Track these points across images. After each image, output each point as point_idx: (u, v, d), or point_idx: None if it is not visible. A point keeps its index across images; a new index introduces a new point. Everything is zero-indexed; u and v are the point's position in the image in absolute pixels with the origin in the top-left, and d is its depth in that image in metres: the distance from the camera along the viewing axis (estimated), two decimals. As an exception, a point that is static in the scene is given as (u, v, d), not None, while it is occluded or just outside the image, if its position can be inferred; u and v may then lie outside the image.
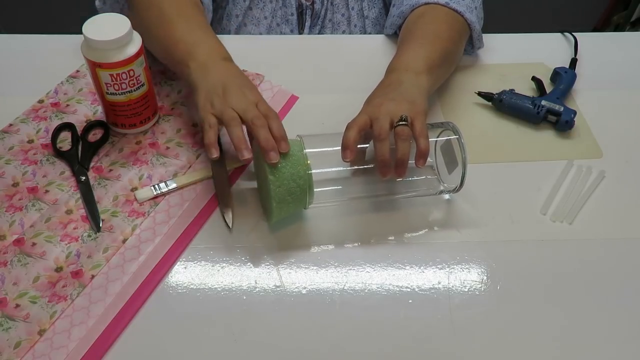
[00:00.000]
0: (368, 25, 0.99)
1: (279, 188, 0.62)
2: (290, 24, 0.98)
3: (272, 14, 0.97)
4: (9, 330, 0.60)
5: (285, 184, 0.62)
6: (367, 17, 0.98)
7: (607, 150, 0.79)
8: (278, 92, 0.85)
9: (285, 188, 0.63)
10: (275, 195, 0.62)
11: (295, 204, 0.65)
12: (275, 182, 0.62)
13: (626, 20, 1.91)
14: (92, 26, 0.69)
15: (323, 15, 0.97)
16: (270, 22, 0.98)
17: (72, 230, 0.68)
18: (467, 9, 0.83)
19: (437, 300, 0.64)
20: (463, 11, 0.83)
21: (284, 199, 0.63)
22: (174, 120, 0.80)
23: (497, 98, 0.83)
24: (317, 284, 0.65)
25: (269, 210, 0.66)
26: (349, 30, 0.99)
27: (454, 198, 0.72)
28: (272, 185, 0.62)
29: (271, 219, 0.66)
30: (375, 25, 1.00)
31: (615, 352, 0.61)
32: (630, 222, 0.71)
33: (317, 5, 0.96)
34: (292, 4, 0.96)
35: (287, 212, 0.66)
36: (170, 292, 0.64)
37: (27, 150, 0.76)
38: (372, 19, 0.99)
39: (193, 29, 0.76)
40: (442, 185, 0.69)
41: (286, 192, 0.63)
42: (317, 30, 0.99)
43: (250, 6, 0.97)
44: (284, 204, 0.64)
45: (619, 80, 0.90)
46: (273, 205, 0.63)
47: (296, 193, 0.63)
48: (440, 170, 0.68)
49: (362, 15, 0.98)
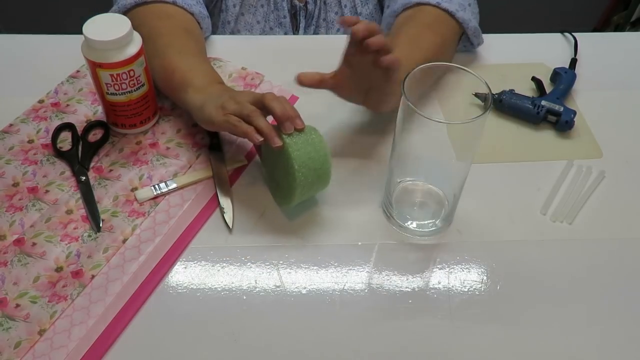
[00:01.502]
0: (358, 3, 0.99)
1: (302, 168, 0.63)
2: (283, 27, 0.98)
3: (264, 17, 0.97)
4: (9, 330, 0.60)
5: (307, 163, 0.64)
6: (360, 13, 0.98)
7: (607, 150, 0.79)
8: (278, 92, 0.85)
9: (307, 168, 0.64)
10: (298, 175, 0.63)
11: (318, 185, 0.66)
12: (297, 161, 0.63)
13: (626, 20, 1.91)
14: (92, 26, 0.70)
15: (317, 15, 0.97)
16: (264, 26, 0.98)
17: (72, 230, 0.68)
18: (460, 7, 0.83)
19: (437, 300, 0.64)
20: (454, 10, 0.82)
21: (306, 180, 0.64)
22: (174, 121, 0.80)
23: (497, 98, 0.83)
24: (317, 284, 0.65)
25: (290, 191, 0.66)
26: (342, 28, 0.98)
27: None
28: (296, 166, 0.63)
29: (292, 200, 0.66)
30: (365, 5, 0.99)
31: (616, 352, 0.61)
32: (630, 222, 0.71)
33: (310, 5, 0.96)
34: (284, 6, 0.96)
35: (309, 193, 0.67)
36: (170, 292, 0.64)
37: (27, 150, 0.76)
38: (365, 15, 0.98)
39: (187, 57, 0.77)
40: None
41: (308, 171, 0.64)
42: (312, 30, 0.99)
43: (242, 12, 0.96)
44: (306, 186, 0.65)
45: (619, 80, 0.90)
46: (296, 183, 0.64)
47: (317, 174, 0.65)
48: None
49: (355, 12, 0.98)
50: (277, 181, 0.70)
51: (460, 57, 0.91)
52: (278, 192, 0.71)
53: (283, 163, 0.66)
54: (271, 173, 0.72)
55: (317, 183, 0.66)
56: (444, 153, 0.64)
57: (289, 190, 0.66)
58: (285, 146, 0.64)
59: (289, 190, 0.66)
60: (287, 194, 0.67)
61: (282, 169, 0.67)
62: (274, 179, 0.71)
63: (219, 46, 0.92)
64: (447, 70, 0.67)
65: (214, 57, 0.89)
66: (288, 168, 0.64)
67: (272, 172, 0.71)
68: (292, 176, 0.64)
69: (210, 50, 0.90)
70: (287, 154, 0.64)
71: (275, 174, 0.70)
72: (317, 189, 0.67)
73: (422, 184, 0.73)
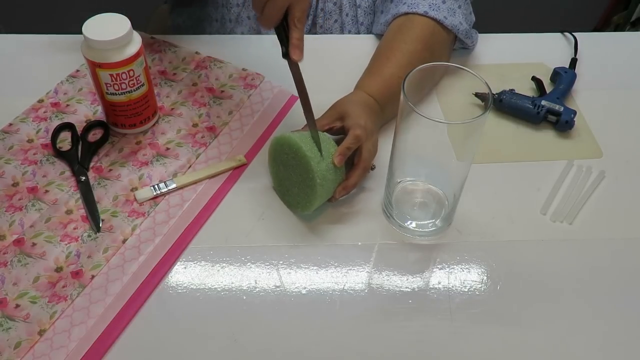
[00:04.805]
0: (360, 14, 0.98)
1: (323, 181, 0.65)
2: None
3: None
4: (9, 330, 0.60)
5: (326, 175, 0.65)
6: (359, 6, 0.98)
7: (607, 150, 0.79)
8: (278, 92, 0.85)
9: (327, 180, 0.66)
10: (319, 188, 0.65)
11: (332, 192, 0.68)
12: (319, 175, 0.65)
13: (626, 20, 1.91)
14: (92, 26, 0.69)
15: (315, 6, 0.97)
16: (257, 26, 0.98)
17: (72, 230, 0.68)
18: (449, 13, 0.83)
19: (437, 300, 0.64)
20: (443, 19, 0.82)
21: (324, 190, 0.66)
22: (174, 120, 0.80)
23: (497, 98, 0.83)
24: (317, 284, 0.65)
25: (307, 200, 0.67)
26: (340, 19, 0.98)
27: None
28: (318, 180, 0.65)
29: (309, 208, 0.67)
30: (367, 15, 0.99)
31: (616, 352, 0.61)
32: (630, 222, 0.71)
33: None
34: None
35: (324, 200, 0.69)
36: (170, 292, 0.64)
37: (27, 150, 0.76)
38: (364, 8, 0.98)
39: None
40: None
41: (327, 182, 0.66)
42: (310, 20, 0.98)
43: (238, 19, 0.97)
44: (324, 196, 0.67)
45: (619, 80, 0.90)
46: (317, 195, 0.65)
47: (334, 185, 0.67)
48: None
49: (354, 5, 0.98)
50: (288, 187, 0.70)
51: (460, 57, 0.91)
52: (289, 198, 0.71)
53: (300, 172, 0.66)
54: (282, 179, 0.71)
55: (332, 191, 0.68)
56: (444, 153, 0.64)
57: (306, 199, 0.67)
58: (306, 158, 0.65)
59: (306, 199, 0.67)
60: (302, 201, 0.68)
61: (298, 177, 0.67)
62: (284, 184, 0.71)
63: (219, 46, 0.92)
64: (447, 70, 0.67)
65: (214, 58, 0.89)
66: (307, 180, 0.66)
67: (283, 178, 0.71)
68: (312, 189, 0.65)
69: (210, 50, 0.90)
70: (309, 166, 0.65)
71: (288, 180, 0.70)
72: (330, 196, 0.69)
73: (422, 184, 0.73)
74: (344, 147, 0.67)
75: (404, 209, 0.71)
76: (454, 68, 0.65)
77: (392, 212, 0.70)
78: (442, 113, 0.83)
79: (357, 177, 0.69)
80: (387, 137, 0.79)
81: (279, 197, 0.72)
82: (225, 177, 0.74)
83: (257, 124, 0.81)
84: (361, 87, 0.79)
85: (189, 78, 0.86)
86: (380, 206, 0.72)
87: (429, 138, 0.62)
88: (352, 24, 0.99)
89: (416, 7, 0.83)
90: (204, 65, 0.88)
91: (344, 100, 0.75)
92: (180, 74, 0.87)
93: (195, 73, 0.87)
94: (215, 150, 0.77)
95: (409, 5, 0.83)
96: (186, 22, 1.08)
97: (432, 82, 0.84)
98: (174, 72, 0.87)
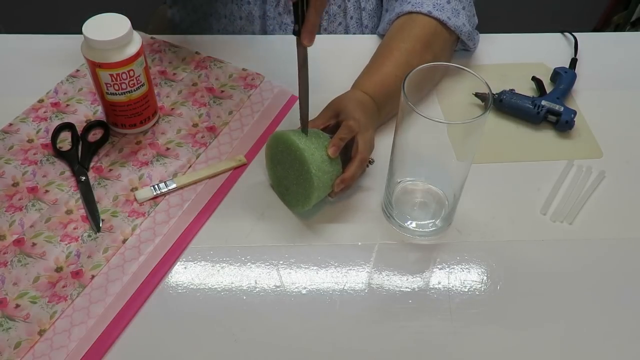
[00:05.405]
0: (365, 17, 0.98)
1: (319, 172, 0.65)
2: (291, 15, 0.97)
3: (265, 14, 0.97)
4: (9, 330, 0.60)
5: (322, 167, 0.65)
6: (364, 8, 0.98)
7: (607, 150, 0.79)
8: (278, 92, 0.85)
9: (322, 171, 0.65)
10: (315, 179, 0.65)
11: (330, 186, 0.67)
12: (314, 165, 0.64)
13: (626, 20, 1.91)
14: (92, 26, 0.70)
15: None
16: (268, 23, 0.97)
17: (72, 230, 0.68)
18: (453, 14, 0.83)
19: (437, 300, 0.64)
20: (446, 19, 0.82)
21: (322, 182, 0.65)
22: (174, 120, 0.80)
23: (497, 98, 0.83)
24: (317, 284, 0.65)
25: (306, 195, 0.67)
26: (344, 22, 0.98)
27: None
28: (313, 170, 0.64)
29: (309, 203, 0.67)
30: (372, 18, 0.99)
31: (616, 352, 0.61)
32: (630, 222, 0.71)
33: None
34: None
35: (323, 195, 0.68)
36: (170, 292, 0.64)
37: (27, 150, 0.76)
38: (369, 10, 0.98)
39: None
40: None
41: (323, 174, 0.66)
42: None
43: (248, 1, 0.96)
44: (321, 188, 0.66)
45: (619, 80, 0.90)
46: (314, 187, 0.65)
47: (331, 176, 0.67)
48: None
49: (359, 7, 0.98)
50: (287, 186, 0.70)
51: (460, 57, 0.91)
52: (289, 197, 0.71)
53: (296, 167, 0.66)
54: (280, 178, 0.71)
55: (330, 184, 0.67)
56: (444, 153, 0.64)
57: (304, 194, 0.67)
58: (300, 151, 0.64)
59: (304, 194, 0.67)
60: (302, 197, 0.68)
61: (294, 173, 0.67)
62: (282, 183, 0.71)
63: (219, 46, 0.92)
64: (447, 70, 0.67)
65: (214, 58, 0.89)
66: (303, 173, 0.65)
67: (280, 177, 0.71)
68: (308, 181, 0.65)
69: (210, 50, 0.90)
70: (303, 158, 0.64)
71: (286, 179, 0.70)
72: (329, 190, 0.68)
73: (422, 184, 0.73)
74: (337, 137, 0.67)
75: (404, 209, 0.71)
76: (454, 68, 0.65)
77: (392, 212, 0.70)
78: (442, 113, 0.83)
79: (354, 169, 0.68)
80: (388, 137, 0.79)
81: (279, 197, 0.72)
82: (225, 177, 0.74)
83: (257, 123, 0.81)
84: (358, 85, 0.79)
85: (189, 78, 0.86)
86: (380, 206, 0.72)
87: (429, 138, 0.62)
88: (357, 26, 0.99)
89: (420, 7, 0.83)
90: (204, 65, 0.88)
91: (339, 98, 0.75)
92: (180, 74, 0.87)
93: (195, 73, 0.87)
94: (215, 150, 0.77)
95: (413, 4, 0.83)
96: (191, 16, 1.05)
97: (432, 82, 0.84)
98: (174, 72, 0.87)
